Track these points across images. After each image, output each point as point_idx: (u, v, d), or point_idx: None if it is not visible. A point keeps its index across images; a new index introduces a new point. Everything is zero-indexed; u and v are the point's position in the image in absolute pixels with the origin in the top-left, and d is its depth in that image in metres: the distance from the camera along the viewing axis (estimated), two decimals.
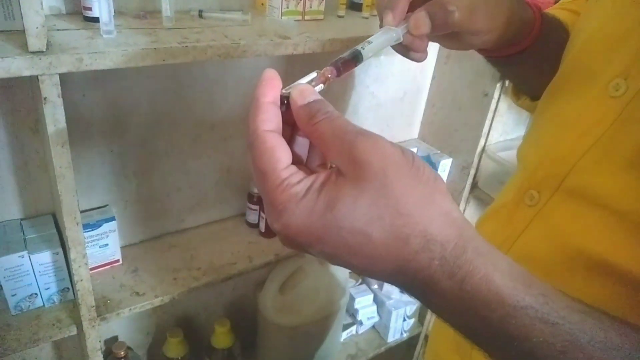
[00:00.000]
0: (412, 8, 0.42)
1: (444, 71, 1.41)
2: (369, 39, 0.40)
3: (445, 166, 1.45)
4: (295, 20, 0.94)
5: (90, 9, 0.78)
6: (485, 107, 1.30)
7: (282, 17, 0.92)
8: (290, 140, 0.34)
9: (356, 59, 0.38)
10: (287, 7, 0.92)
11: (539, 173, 0.47)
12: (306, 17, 0.95)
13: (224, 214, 1.22)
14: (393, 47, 0.46)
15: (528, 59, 0.52)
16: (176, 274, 1.02)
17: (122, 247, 1.03)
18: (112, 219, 0.96)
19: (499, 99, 1.29)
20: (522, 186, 0.49)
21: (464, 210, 1.50)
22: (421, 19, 0.41)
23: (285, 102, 0.32)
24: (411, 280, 0.28)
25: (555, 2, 1.06)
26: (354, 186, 0.28)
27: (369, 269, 0.29)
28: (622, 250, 0.39)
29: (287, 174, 0.29)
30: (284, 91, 0.32)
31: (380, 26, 0.43)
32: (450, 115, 1.43)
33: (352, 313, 1.56)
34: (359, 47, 0.39)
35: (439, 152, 1.48)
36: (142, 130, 0.99)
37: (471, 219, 1.54)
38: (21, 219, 0.94)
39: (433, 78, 1.45)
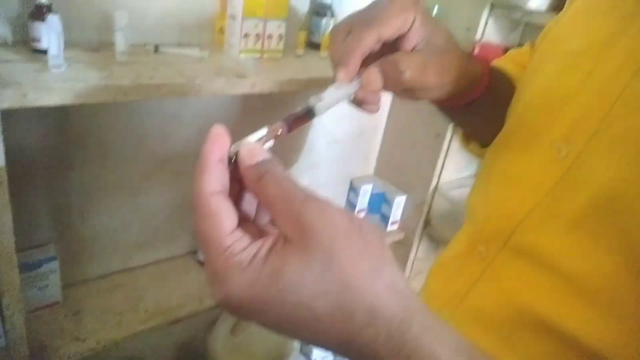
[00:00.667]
0: (365, 62, 0.42)
1: (399, 110, 1.45)
2: (322, 94, 0.40)
3: (399, 203, 1.47)
4: (253, 59, 0.93)
5: (39, 40, 0.75)
6: (437, 147, 1.34)
7: (240, 55, 0.92)
8: (238, 197, 0.33)
9: (309, 115, 0.38)
10: (246, 45, 0.92)
11: (487, 228, 0.47)
12: (265, 56, 0.95)
13: (175, 252, 1.18)
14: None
15: (477, 110, 0.53)
16: (121, 317, 0.96)
17: (64, 287, 0.97)
18: (54, 258, 0.91)
19: (451, 139, 1.33)
20: (471, 240, 0.49)
21: (417, 247, 1.52)
22: (373, 76, 0.42)
23: (232, 160, 0.31)
24: (357, 354, 0.28)
25: (504, 54, 1.12)
26: (300, 257, 0.27)
27: (314, 342, 0.28)
28: (568, 313, 0.39)
29: (230, 240, 0.28)
30: (232, 148, 0.31)
31: (333, 81, 0.43)
32: (405, 153, 1.46)
33: (306, 353, 1.53)
34: (311, 104, 0.39)
35: (393, 189, 1.50)
36: (89, 166, 0.95)
37: (424, 255, 1.56)
38: None
39: (388, 117, 1.48)
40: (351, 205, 1.52)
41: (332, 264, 0.27)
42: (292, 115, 0.37)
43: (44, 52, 0.72)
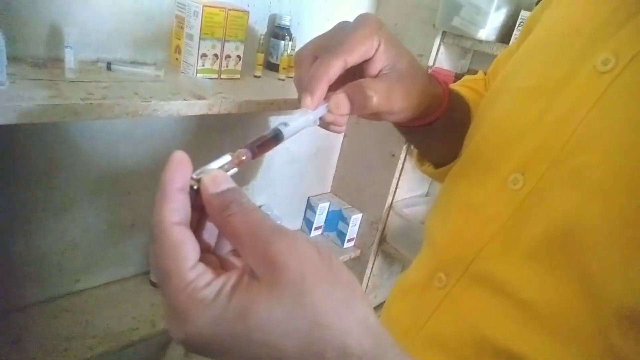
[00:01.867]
0: (332, 87, 0.43)
1: (355, 131, 1.47)
2: (287, 120, 0.40)
3: (355, 220, 1.49)
4: (210, 79, 0.93)
5: None
6: (392, 167, 1.37)
7: (197, 75, 0.90)
8: (197, 226, 0.31)
9: (276, 139, 0.38)
10: (203, 65, 0.91)
11: (447, 256, 0.48)
12: (222, 76, 0.94)
13: (126, 273, 1.13)
14: None
15: (435, 130, 0.54)
16: (68, 344, 0.92)
17: (3, 313, 0.91)
18: None
19: (404, 159, 1.36)
20: (431, 267, 0.50)
21: (373, 264, 1.54)
22: (341, 101, 0.42)
23: (194, 188, 0.29)
24: None
25: (455, 79, 1.16)
26: (268, 293, 0.26)
27: None
28: (526, 341, 0.40)
29: (194, 275, 0.26)
30: (194, 176, 0.30)
31: (300, 106, 0.43)
32: (361, 172, 1.48)
33: None
34: (279, 128, 0.39)
35: (350, 206, 1.52)
36: (34, 184, 0.91)
37: (380, 272, 1.58)
38: None
39: (345, 136, 1.50)
40: (308, 222, 1.53)
41: (302, 301, 0.26)
42: (257, 140, 0.36)
43: None
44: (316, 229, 1.53)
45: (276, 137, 0.38)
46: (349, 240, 1.52)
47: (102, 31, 0.87)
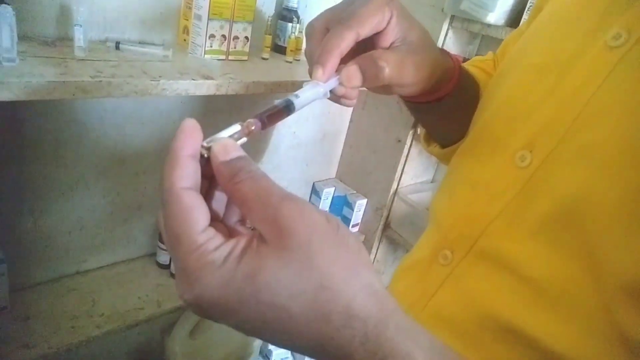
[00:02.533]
0: (343, 60, 0.43)
1: (361, 116, 1.46)
2: (298, 92, 0.40)
3: (360, 206, 1.49)
4: (218, 60, 0.92)
5: None
6: (398, 152, 1.36)
7: (205, 56, 0.90)
8: (206, 195, 0.32)
9: (287, 110, 0.38)
10: (211, 46, 0.91)
11: (452, 233, 0.48)
12: (230, 57, 0.94)
13: (132, 254, 1.14)
14: None
15: (444, 106, 0.54)
16: (75, 322, 0.93)
17: (12, 292, 0.92)
18: (1, 261, 0.86)
19: (410, 145, 1.36)
20: (436, 244, 0.50)
21: (377, 249, 1.55)
22: (353, 73, 0.42)
23: (204, 156, 0.30)
24: (332, 357, 0.28)
25: (464, 60, 1.16)
26: (277, 256, 0.26)
27: (288, 344, 0.28)
28: (530, 317, 0.40)
29: (204, 238, 0.27)
30: (204, 144, 0.30)
31: (311, 78, 0.43)
32: (366, 158, 1.48)
33: (266, 354, 1.52)
34: (290, 99, 0.39)
35: (355, 192, 1.52)
36: (42, 164, 0.91)
37: (384, 257, 1.59)
38: None
39: (351, 121, 1.50)
40: None
41: (309, 264, 0.26)
42: (267, 111, 0.36)
43: None
44: None
45: (287, 108, 0.38)
46: (353, 226, 1.52)
47: (111, 10, 0.87)
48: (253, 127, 0.33)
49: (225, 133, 0.32)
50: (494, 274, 0.43)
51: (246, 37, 0.94)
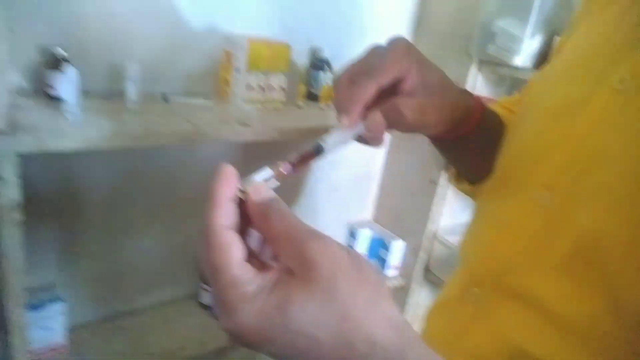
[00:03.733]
0: (368, 106, 0.46)
1: (394, 158, 1.49)
2: (326, 137, 0.44)
3: (398, 248, 1.49)
4: (256, 108, 0.99)
5: (54, 88, 0.80)
6: (432, 193, 1.37)
7: (244, 105, 0.97)
8: (242, 233, 0.34)
9: (317, 153, 0.42)
10: (249, 96, 0.97)
11: (480, 271, 0.50)
12: (267, 106, 1.01)
13: (177, 295, 1.19)
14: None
15: (469, 144, 0.56)
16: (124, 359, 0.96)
17: (68, 330, 0.97)
18: (59, 299, 0.92)
19: (445, 186, 1.37)
20: (465, 282, 0.52)
21: (417, 293, 1.53)
22: (377, 119, 0.46)
23: (240, 198, 0.33)
24: None
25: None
26: (303, 288, 0.29)
27: None
28: (557, 352, 0.41)
29: (240, 272, 0.30)
30: (239, 187, 0.33)
31: (339, 126, 0.46)
32: (401, 199, 1.49)
33: None
34: (320, 143, 0.42)
35: (391, 234, 1.52)
36: (98, 209, 0.98)
37: (423, 301, 1.56)
38: None
39: (384, 164, 1.53)
40: None
41: (333, 296, 0.29)
42: (297, 155, 0.40)
43: (59, 99, 0.76)
44: None
45: (315, 152, 0.42)
46: (391, 269, 1.52)
47: (160, 66, 0.95)
48: (283, 171, 0.37)
49: (259, 176, 0.36)
50: (520, 310, 0.44)
51: (281, 87, 1.01)
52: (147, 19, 0.91)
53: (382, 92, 0.46)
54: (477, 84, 1.28)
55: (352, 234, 1.53)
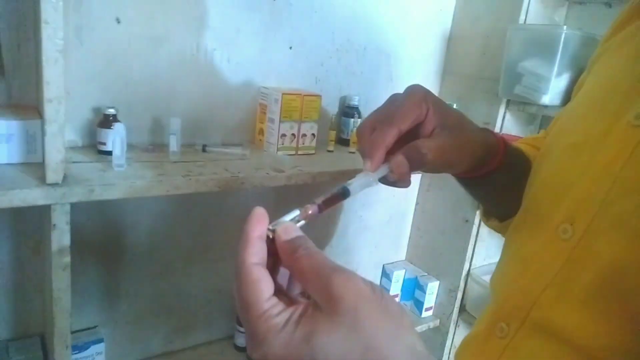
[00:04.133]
0: (392, 150, 0.50)
1: (426, 198, 1.50)
2: (351, 180, 0.47)
3: (432, 289, 1.48)
4: (289, 155, 1.03)
5: (104, 143, 0.87)
6: (466, 233, 1.37)
7: (278, 152, 1.02)
8: (272, 270, 0.37)
9: (343, 195, 0.45)
10: (282, 144, 1.02)
11: (507, 306, 0.50)
12: (299, 152, 1.05)
13: (212, 337, 1.21)
14: (381, 180, 0.53)
15: (495, 181, 0.58)
16: None
17: None
18: (101, 340, 0.96)
19: (479, 224, 1.36)
20: (492, 318, 0.52)
21: (454, 333, 1.50)
22: (400, 162, 0.49)
23: (270, 237, 0.36)
24: None
25: None
26: (328, 320, 0.31)
27: None
28: None
29: (268, 305, 0.32)
30: (270, 227, 0.36)
31: (363, 170, 0.50)
32: (435, 239, 1.49)
33: None
34: (346, 185, 0.45)
35: (426, 274, 1.51)
36: (139, 253, 1.04)
37: (459, 341, 1.52)
38: (8, 340, 0.93)
39: (417, 204, 1.54)
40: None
41: (356, 327, 0.30)
42: (324, 197, 0.43)
43: (108, 153, 0.84)
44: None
45: (341, 194, 0.45)
46: (427, 309, 1.50)
47: (199, 120, 1.02)
48: (310, 212, 0.40)
49: (287, 217, 0.39)
50: (548, 344, 0.44)
51: (313, 134, 1.06)
52: (187, 77, 0.98)
53: (404, 136, 0.49)
54: (506, 123, 1.29)
55: (386, 275, 1.53)
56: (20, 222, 0.90)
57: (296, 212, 0.40)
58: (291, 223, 0.38)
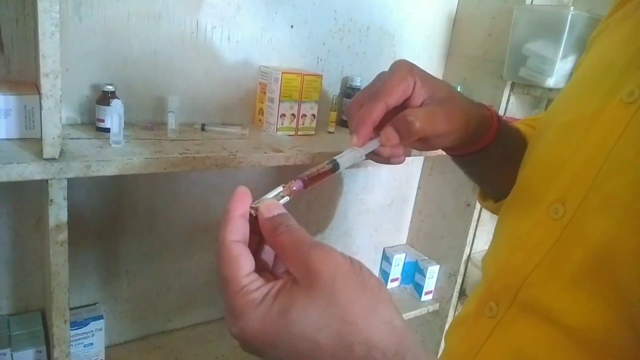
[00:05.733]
0: (382, 125, 0.49)
1: (428, 182, 1.50)
2: (337, 157, 0.47)
3: (433, 273, 1.48)
4: (288, 135, 1.03)
5: (102, 120, 0.87)
6: (468, 217, 1.36)
7: (277, 132, 1.01)
8: (257, 248, 0.38)
9: (331, 171, 0.44)
10: (282, 124, 1.02)
11: (496, 285, 0.50)
12: (299, 133, 1.04)
13: (211, 316, 1.22)
14: (374, 158, 0.53)
15: (490, 158, 0.58)
16: None
17: (107, 347, 1.03)
18: (100, 317, 0.97)
19: (481, 209, 1.35)
20: (482, 297, 0.52)
21: (453, 317, 1.50)
22: (389, 133, 0.49)
23: (253, 215, 0.36)
24: None
25: None
26: (305, 294, 0.31)
27: None
28: None
29: (247, 281, 0.32)
30: (253, 205, 0.37)
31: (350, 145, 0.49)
32: (436, 223, 1.48)
33: None
34: (329, 163, 0.45)
35: (426, 258, 1.51)
36: (138, 231, 1.04)
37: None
38: (9, 315, 0.95)
39: (418, 188, 1.53)
40: (384, 274, 1.54)
41: (333, 301, 0.31)
42: (308, 172, 0.43)
43: (107, 130, 0.83)
44: (392, 280, 1.54)
45: (330, 169, 0.45)
46: (426, 293, 1.50)
47: (198, 98, 1.01)
48: (294, 187, 0.40)
49: (271, 194, 0.39)
50: (536, 323, 0.44)
51: (313, 115, 1.05)
52: (187, 55, 0.97)
53: (394, 112, 0.49)
54: (511, 106, 1.27)
55: (387, 258, 1.53)
56: (20, 199, 0.91)
57: (279, 189, 0.40)
58: (274, 200, 0.38)
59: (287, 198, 0.40)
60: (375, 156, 0.52)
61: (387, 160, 0.52)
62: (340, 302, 0.31)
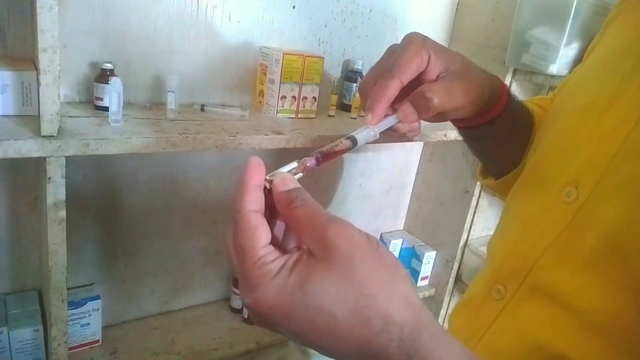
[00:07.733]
0: (398, 100, 0.49)
1: (427, 168, 1.49)
2: (352, 134, 0.46)
3: (429, 258, 1.48)
4: (289, 118, 1.02)
5: (101, 99, 0.85)
6: (466, 203, 1.36)
7: (278, 115, 1.00)
8: (268, 223, 0.37)
9: (340, 151, 0.44)
10: (282, 106, 1.00)
11: (505, 268, 0.50)
12: (299, 116, 1.03)
13: (209, 298, 1.22)
14: (390, 134, 0.52)
15: (497, 130, 0.57)
16: (155, 358, 1.00)
17: (103, 327, 1.03)
18: (97, 297, 0.97)
19: (479, 196, 1.36)
20: (489, 280, 0.52)
21: (449, 303, 1.51)
22: (407, 110, 0.48)
23: (267, 188, 0.36)
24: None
25: None
26: (323, 267, 0.31)
27: (333, 348, 0.31)
28: (580, 347, 0.41)
29: (264, 252, 0.32)
30: (267, 177, 0.36)
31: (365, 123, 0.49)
32: (434, 209, 1.49)
33: None
34: (342, 140, 0.45)
35: (423, 244, 1.52)
36: (136, 212, 1.04)
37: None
38: (6, 294, 0.94)
39: (417, 174, 1.53)
40: None
41: (351, 273, 0.30)
42: (321, 150, 0.42)
43: (106, 109, 0.82)
44: None
45: (347, 146, 0.44)
46: (422, 279, 1.51)
47: (198, 79, 1.00)
48: (308, 164, 0.40)
49: (285, 169, 0.38)
50: (545, 306, 0.44)
51: (314, 97, 1.04)
52: (187, 34, 0.95)
53: (410, 87, 0.48)
54: (514, 91, 1.26)
55: (384, 243, 1.53)
56: (18, 178, 0.89)
57: (294, 164, 0.39)
58: (289, 174, 0.37)
59: (300, 174, 0.39)
60: (392, 132, 0.52)
61: (403, 135, 0.52)
62: (359, 276, 0.30)
